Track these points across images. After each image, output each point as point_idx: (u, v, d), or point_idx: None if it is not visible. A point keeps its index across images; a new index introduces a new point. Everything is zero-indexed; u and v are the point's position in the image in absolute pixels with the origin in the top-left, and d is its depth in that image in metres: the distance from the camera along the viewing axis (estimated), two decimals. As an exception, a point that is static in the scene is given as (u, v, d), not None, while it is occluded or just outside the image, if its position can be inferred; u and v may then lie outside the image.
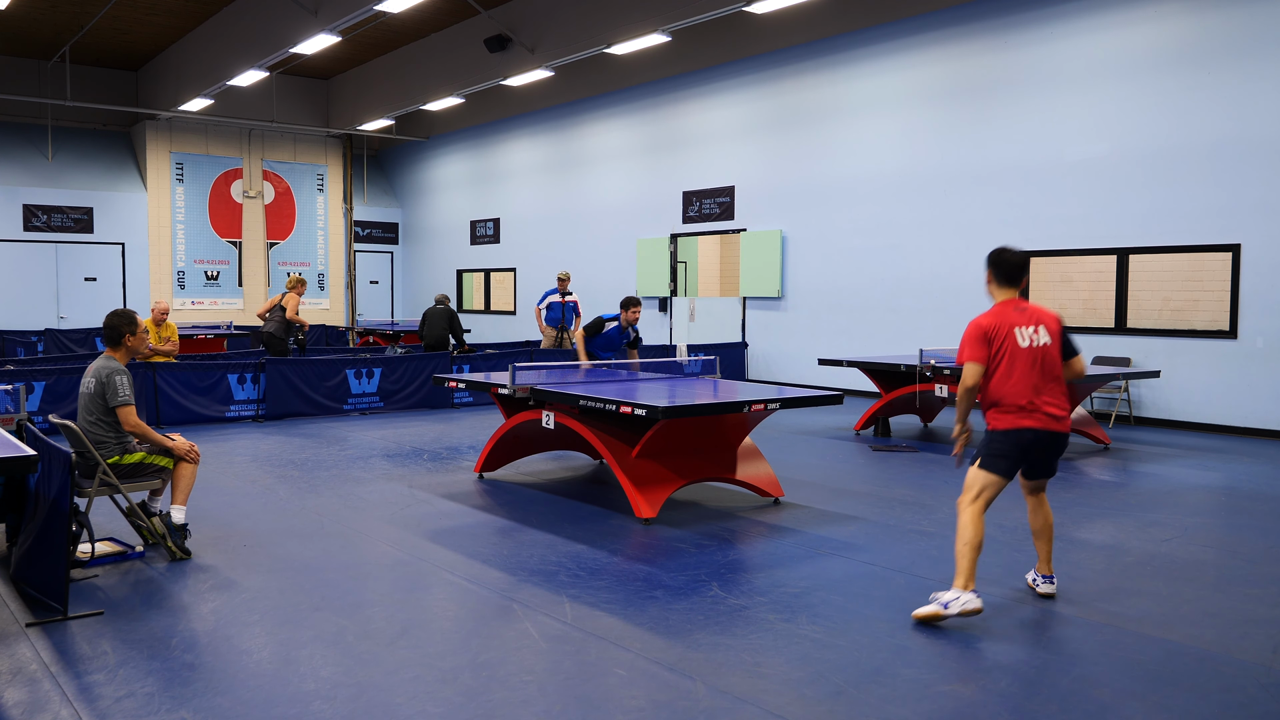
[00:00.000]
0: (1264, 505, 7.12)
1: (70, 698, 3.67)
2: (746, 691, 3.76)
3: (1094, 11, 11.29)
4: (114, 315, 5.73)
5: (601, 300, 17.81)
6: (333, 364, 11.89)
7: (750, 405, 6.48)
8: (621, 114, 17.74)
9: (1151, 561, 5.61)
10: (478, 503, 7.08)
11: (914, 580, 5.21)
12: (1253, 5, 10.12)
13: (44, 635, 4.32)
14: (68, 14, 16.73)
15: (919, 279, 12.99)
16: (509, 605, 4.77)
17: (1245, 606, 4.82)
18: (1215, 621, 4.59)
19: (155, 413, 10.62)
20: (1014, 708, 3.63)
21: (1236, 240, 10.29)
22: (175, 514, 5.63)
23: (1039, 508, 4.95)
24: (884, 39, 13.38)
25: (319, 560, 5.56)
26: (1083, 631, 4.45)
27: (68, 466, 4.51)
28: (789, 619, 4.58)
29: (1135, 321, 11.16)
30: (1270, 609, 4.79)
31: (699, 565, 5.46)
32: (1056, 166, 11.67)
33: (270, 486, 7.61)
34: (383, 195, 24.61)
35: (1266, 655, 4.17)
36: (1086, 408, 11.33)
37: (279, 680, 3.85)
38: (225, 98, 19.64)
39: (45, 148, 20.37)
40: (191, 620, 4.55)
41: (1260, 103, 10.07)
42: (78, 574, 5.16)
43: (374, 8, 12.61)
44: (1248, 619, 4.63)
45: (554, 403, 6.93)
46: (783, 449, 9.25)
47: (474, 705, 3.63)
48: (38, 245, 19.73)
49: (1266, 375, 10.18)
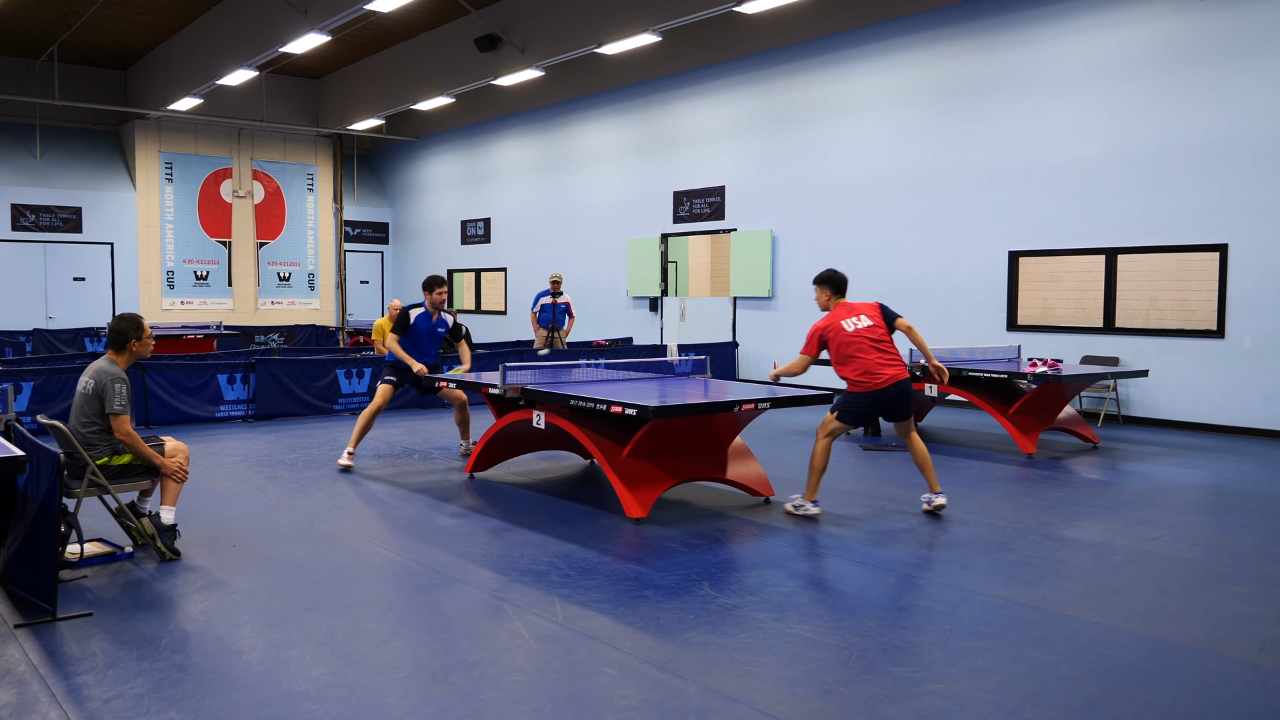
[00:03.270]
0: (1251, 504, 7.16)
1: (59, 699, 3.66)
2: (737, 690, 3.77)
3: (1083, 13, 11.33)
4: (121, 319, 5.69)
5: (593, 300, 17.83)
6: (323, 364, 11.86)
7: (741, 405, 6.49)
8: (612, 114, 17.74)
9: (1139, 560, 5.64)
10: (469, 503, 7.08)
11: (904, 578, 5.23)
12: (1239, 7, 10.18)
13: (33, 636, 4.30)
14: (55, 12, 16.65)
15: (909, 279, 13.02)
16: (500, 605, 4.77)
17: (1232, 604, 4.85)
18: (1202, 619, 4.62)
19: (145, 413, 10.59)
20: (1001, 705, 3.64)
21: (1224, 240, 10.34)
22: (165, 514, 5.61)
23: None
24: (874, 39, 13.41)
25: (309, 561, 5.55)
26: (1072, 629, 4.47)
27: (56, 467, 4.49)
28: (779, 618, 4.59)
29: (1124, 321, 11.21)
30: (1257, 606, 4.81)
31: (690, 564, 5.46)
32: (1045, 167, 11.72)
33: (260, 487, 7.59)
34: (373, 195, 24.57)
35: (1253, 652, 4.20)
36: (1075, 407, 11.38)
37: (269, 681, 3.84)
38: (215, 97, 19.57)
39: (33, 147, 20.27)
40: (181, 621, 4.53)
41: (1247, 104, 10.13)
42: (67, 575, 5.14)
43: (364, 7, 12.59)
44: (1235, 616, 4.66)
45: (545, 403, 6.92)
46: (773, 448, 9.26)
47: (465, 705, 3.63)
48: (26, 245, 19.64)
49: (1254, 374, 10.23)
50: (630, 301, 17.41)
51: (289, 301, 22.79)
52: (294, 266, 22.80)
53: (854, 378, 6.38)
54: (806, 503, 6.50)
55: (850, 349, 6.36)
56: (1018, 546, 5.87)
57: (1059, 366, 9.27)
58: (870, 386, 6.34)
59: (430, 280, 8.51)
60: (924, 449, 6.67)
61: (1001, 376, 9.09)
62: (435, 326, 8.55)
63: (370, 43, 18.61)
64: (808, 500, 6.51)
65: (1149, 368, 10.69)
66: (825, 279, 6.65)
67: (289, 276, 22.80)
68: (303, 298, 22.91)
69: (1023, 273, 12.03)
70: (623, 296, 17.53)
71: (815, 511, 6.47)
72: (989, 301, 12.33)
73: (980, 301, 12.40)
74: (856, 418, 6.49)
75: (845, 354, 6.38)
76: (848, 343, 6.38)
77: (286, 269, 22.69)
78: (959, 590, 5.03)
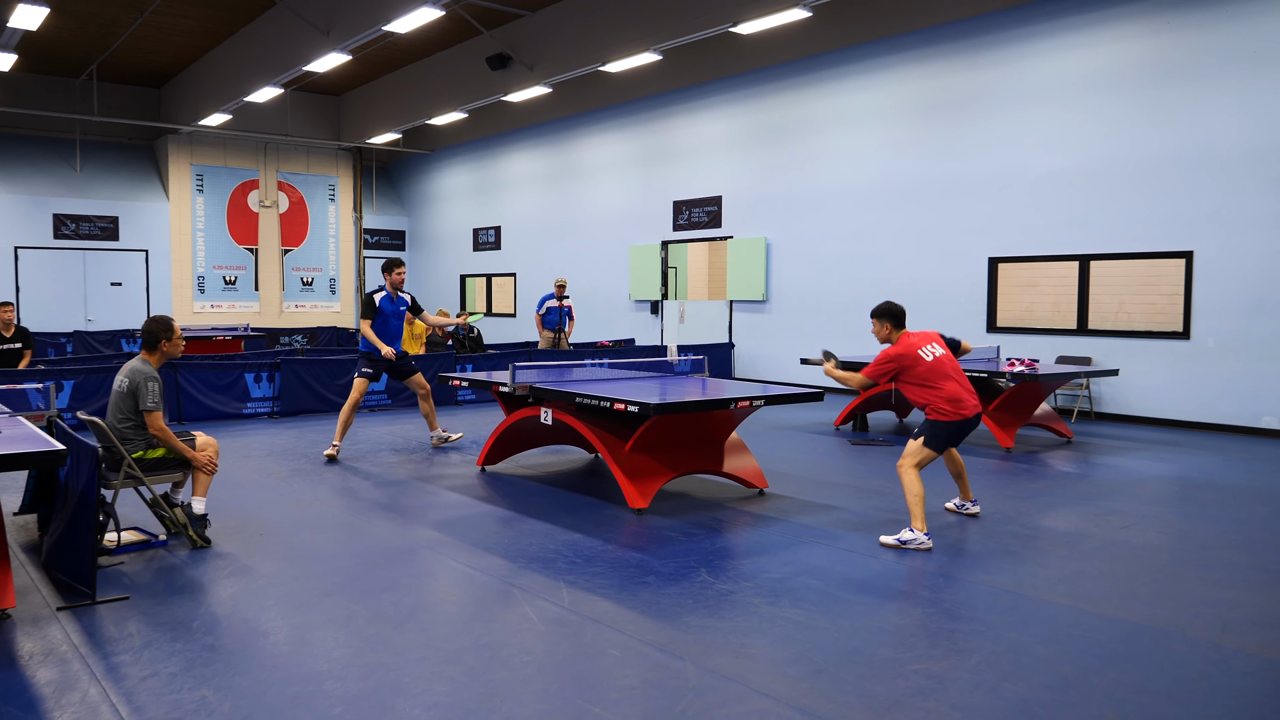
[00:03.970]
0: (1214, 494, 7.16)
1: (98, 677, 3.67)
2: (733, 670, 3.77)
3: (1058, 34, 11.32)
4: (152, 321, 5.71)
5: (597, 303, 17.83)
6: (343, 364, 11.86)
7: (736, 402, 6.49)
8: (615, 128, 17.73)
9: (1111, 547, 5.64)
10: (480, 494, 7.08)
11: (889, 566, 5.23)
12: (1204, 31, 10.17)
13: (74, 618, 4.32)
14: (95, 34, 16.66)
15: (895, 283, 13.01)
16: (510, 590, 4.77)
17: (1197, 589, 4.85)
18: (1169, 603, 4.62)
19: (177, 410, 10.60)
20: (981, 684, 3.65)
21: (1190, 247, 10.34)
22: (196, 505, 5.63)
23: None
24: (861, 58, 13.41)
25: (331, 548, 5.56)
26: (1047, 612, 4.47)
27: (94, 460, 4.51)
28: (772, 602, 4.59)
29: (1096, 323, 11.20)
30: (1219, 590, 4.82)
31: (688, 553, 5.47)
32: (1023, 178, 11.71)
33: (285, 479, 7.60)
34: (390, 204, 24.56)
35: (1216, 633, 4.20)
36: (1051, 404, 11.38)
37: (294, 661, 3.85)
38: (243, 113, 19.59)
39: (74, 161, 20.29)
40: (212, 604, 4.54)
41: (1211, 120, 10.12)
42: (105, 561, 5.16)
43: (382, 28, 12.59)
44: (1199, 600, 4.66)
45: (552, 400, 6.93)
46: (767, 443, 9.26)
47: (477, 684, 3.64)
48: (67, 252, 19.66)
49: (1217, 373, 10.23)
50: (633, 305, 17.40)
51: (312, 305, 22.79)
52: (316, 272, 22.80)
53: (940, 405, 5.79)
54: (918, 534, 5.59)
55: (933, 378, 5.82)
56: (997, 535, 5.87)
57: (1035, 366, 9.27)
58: (957, 415, 5.76)
59: (389, 262, 8.69)
60: (961, 461, 6.37)
61: (982, 375, 9.09)
62: (398, 306, 8.70)
63: (388, 61, 18.60)
64: (919, 532, 5.60)
65: (1120, 367, 10.68)
66: (885, 312, 6.02)
67: (312, 281, 22.80)
68: (324, 301, 22.90)
69: (1002, 278, 12.02)
70: (625, 300, 17.52)
71: (929, 544, 5.58)
72: (970, 305, 12.32)
73: (962, 305, 12.39)
74: (944, 443, 5.87)
75: (928, 382, 5.82)
76: (930, 371, 5.83)
77: (309, 274, 22.69)
78: (941, 576, 5.03)
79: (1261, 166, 9.78)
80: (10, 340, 11.25)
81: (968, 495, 6.45)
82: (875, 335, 6.08)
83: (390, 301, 8.65)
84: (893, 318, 5.99)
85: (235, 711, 3.39)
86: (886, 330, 6.02)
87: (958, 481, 6.44)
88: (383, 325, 8.63)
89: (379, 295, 8.62)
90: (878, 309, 6.05)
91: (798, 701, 3.50)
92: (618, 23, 13.67)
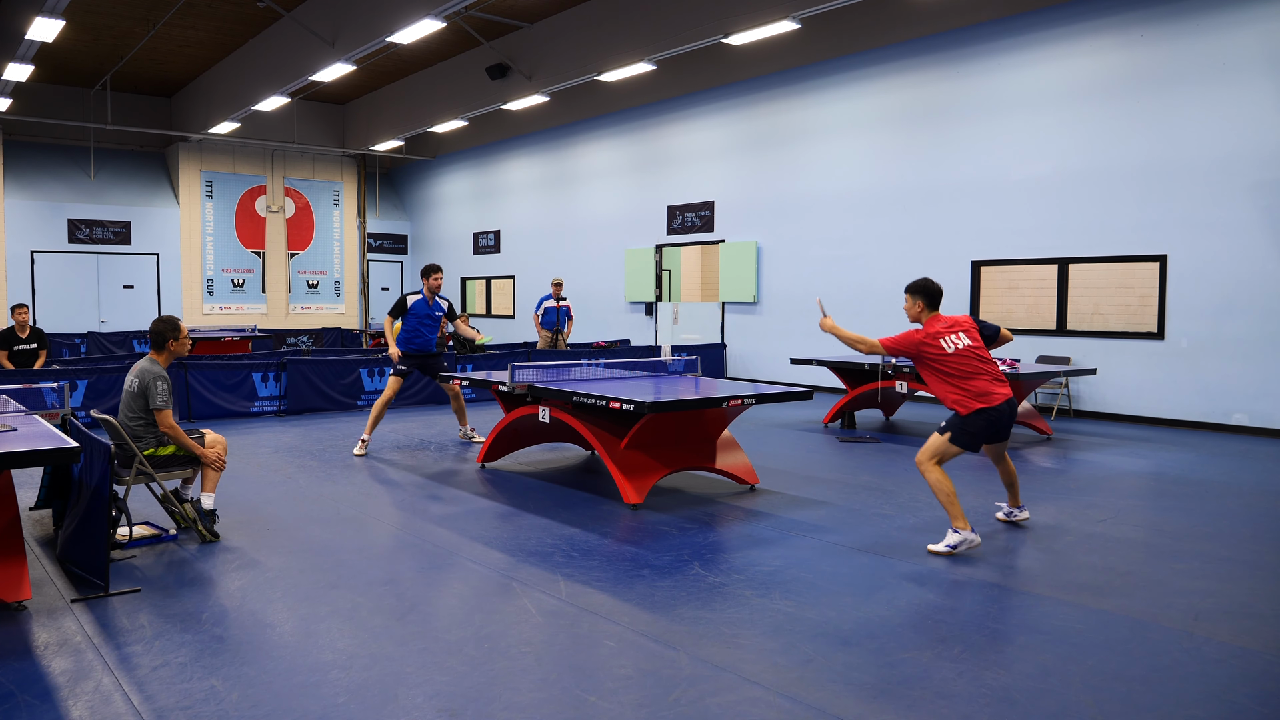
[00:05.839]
0: (1187, 489, 7.18)
1: (111, 667, 3.66)
2: (725, 660, 3.77)
3: (1036, 46, 11.34)
4: (160, 322, 5.69)
5: (593, 305, 17.81)
6: (348, 364, 11.84)
7: (728, 401, 6.49)
8: (611, 136, 17.72)
9: (1089, 540, 5.65)
10: (480, 490, 7.07)
11: (877, 559, 5.24)
12: (1178, 43, 10.19)
13: (87, 610, 4.30)
14: (109, 46, 16.62)
15: (881, 286, 13.02)
16: (509, 583, 4.77)
17: (1170, 579, 4.86)
18: (1144, 593, 4.63)
19: (187, 408, 10.57)
20: (964, 672, 3.65)
21: (1164, 251, 10.36)
22: (205, 500, 5.61)
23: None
24: (848, 69, 13.41)
25: (335, 543, 5.55)
26: (1027, 603, 4.48)
27: (107, 457, 4.49)
28: (763, 594, 4.59)
29: (1075, 324, 11.22)
30: (1191, 581, 4.83)
31: (682, 546, 5.46)
32: (1003, 184, 11.72)
33: (291, 475, 7.58)
34: (393, 209, 24.52)
35: (1188, 622, 4.21)
36: (1031, 401, 11.38)
37: (300, 651, 3.85)
38: (251, 121, 19.55)
39: (88, 167, 20.23)
40: (220, 597, 4.53)
41: (1184, 128, 10.14)
42: (117, 554, 5.14)
43: (386, 39, 12.57)
44: (1173, 590, 4.67)
45: (550, 399, 6.92)
46: (758, 440, 9.26)
47: (477, 674, 3.63)
48: (81, 256, 19.60)
49: (1190, 372, 10.25)
50: (628, 306, 17.39)
51: (317, 307, 22.74)
52: (321, 275, 22.75)
53: (961, 400, 5.33)
54: (964, 534, 5.23)
55: (960, 369, 5.32)
56: (979, 528, 5.87)
57: (1016, 365, 9.29)
58: (984, 405, 5.29)
59: (428, 268, 8.63)
60: (1014, 469, 5.86)
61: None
62: (433, 310, 8.64)
63: (392, 71, 18.58)
64: (964, 531, 5.24)
65: (1097, 366, 10.70)
66: (920, 289, 5.48)
67: (317, 284, 22.75)
68: (329, 303, 22.86)
69: (984, 280, 12.04)
70: (621, 302, 17.51)
71: (978, 540, 5.27)
72: (954, 306, 12.33)
73: (946, 306, 12.36)
74: (973, 439, 5.35)
75: (948, 374, 5.36)
76: (951, 363, 5.34)
77: (315, 277, 22.64)
78: (926, 569, 5.03)
79: (1232, 173, 9.81)
80: (26, 341, 11.21)
81: (1016, 502, 5.97)
82: (906, 313, 5.56)
83: (425, 305, 8.60)
84: (927, 295, 5.46)
85: (243, 700, 3.38)
86: (919, 308, 5.50)
87: (1009, 489, 5.92)
88: (415, 327, 8.60)
89: (414, 298, 8.59)
90: (914, 284, 5.50)
91: (787, 690, 3.50)
92: (613, 34, 13.66)
